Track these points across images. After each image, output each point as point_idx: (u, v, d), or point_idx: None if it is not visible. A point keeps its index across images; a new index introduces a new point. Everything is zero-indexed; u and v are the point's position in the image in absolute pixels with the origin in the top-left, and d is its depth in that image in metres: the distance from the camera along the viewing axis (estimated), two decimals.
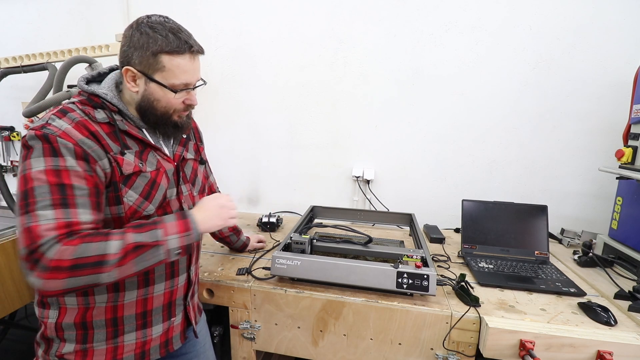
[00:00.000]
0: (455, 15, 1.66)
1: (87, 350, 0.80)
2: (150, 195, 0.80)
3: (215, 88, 1.97)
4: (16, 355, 1.90)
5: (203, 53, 0.82)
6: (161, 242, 0.72)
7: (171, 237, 0.74)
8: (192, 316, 0.97)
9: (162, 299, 0.87)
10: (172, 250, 0.75)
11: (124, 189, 0.76)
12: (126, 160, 0.76)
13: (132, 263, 0.70)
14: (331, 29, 1.78)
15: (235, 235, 1.33)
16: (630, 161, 1.26)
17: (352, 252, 1.24)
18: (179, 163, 0.89)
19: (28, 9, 2.12)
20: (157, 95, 0.79)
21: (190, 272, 0.93)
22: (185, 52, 0.77)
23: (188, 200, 0.91)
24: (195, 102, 0.84)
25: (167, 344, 0.91)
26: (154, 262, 0.74)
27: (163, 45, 0.75)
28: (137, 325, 0.84)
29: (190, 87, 0.82)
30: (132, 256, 0.69)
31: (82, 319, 0.79)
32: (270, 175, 2.03)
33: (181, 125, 0.86)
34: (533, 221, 1.39)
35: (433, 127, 1.79)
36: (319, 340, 1.13)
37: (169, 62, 0.76)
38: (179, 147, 0.91)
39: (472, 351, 1.03)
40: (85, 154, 0.70)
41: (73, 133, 0.70)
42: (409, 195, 1.88)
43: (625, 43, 1.54)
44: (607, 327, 0.96)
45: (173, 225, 0.76)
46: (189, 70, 0.79)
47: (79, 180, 0.69)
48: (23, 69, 1.85)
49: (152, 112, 0.80)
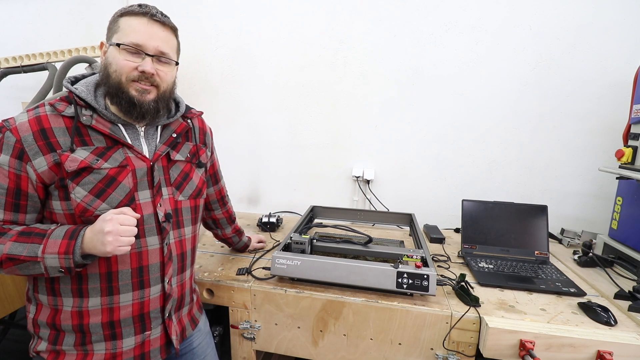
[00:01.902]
0: (455, 15, 1.66)
1: (59, 353, 0.80)
2: (104, 194, 0.76)
3: (215, 88, 1.97)
4: (16, 355, 1.90)
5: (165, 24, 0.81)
6: (37, 258, 0.71)
7: (49, 255, 0.71)
8: (171, 331, 0.88)
9: (130, 309, 0.81)
10: (51, 268, 0.72)
11: (71, 184, 0.74)
12: (72, 157, 0.74)
13: (13, 269, 0.73)
14: (331, 29, 1.78)
15: (237, 236, 1.32)
16: (630, 161, 1.26)
17: (352, 252, 1.24)
18: (154, 163, 0.83)
19: (28, 9, 2.12)
20: (110, 58, 0.78)
21: (164, 283, 0.85)
22: (143, 15, 0.78)
23: (167, 204, 0.85)
24: (147, 68, 0.77)
25: (143, 358, 0.85)
26: (38, 273, 0.73)
27: (124, 10, 0.79)
28: (104, 335, 0.80)
29: (142, 49, 0.77)
30: (9, 264, 0.72)
31: (52, 320, 0.80)
32: (270, 175, 2.03)
33: (139, 103, 0.78)
34: (533, 221, 1.39)
35: (433, 127, 1.79)
36: (319, 340, 1.13)
37: (124, 23, 0.78)
38: (162, 146, 0.85)
39: (472, 351, 1.03)
40: (21, 151, 0.72)
41: (23, 128, 0.73)
42: (409, 195, 1.88)
43: (625, 43, 1.54)
44: (607, 327, 0.96)
45: (55, 243, 0.71)
46: (141, 30, 0.78)
47: (2, 179, 0.73)
48: (23, 69, 1.85)
49: (107, 81, 0.79)
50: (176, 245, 0.88)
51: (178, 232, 0.89)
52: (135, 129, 0.84)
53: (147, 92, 0.80)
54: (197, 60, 1.95)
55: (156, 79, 0.80)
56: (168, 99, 0.87)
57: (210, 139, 1.07)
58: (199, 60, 1.95)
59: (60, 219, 0.78)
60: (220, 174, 1.18)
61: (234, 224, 1.29)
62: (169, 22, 0.82)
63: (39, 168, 0.73)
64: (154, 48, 0.79)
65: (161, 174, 0.85)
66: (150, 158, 0.83)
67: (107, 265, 0.78)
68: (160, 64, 0.81)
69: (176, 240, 0.88)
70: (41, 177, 0.74)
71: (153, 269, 0.83)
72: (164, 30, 0.81)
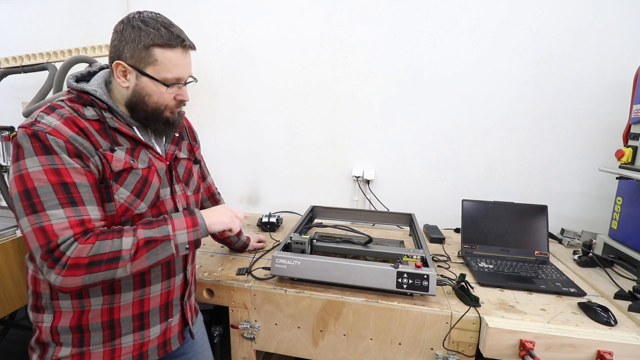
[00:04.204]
0: (455, 15, 1.66)
1: (84, 354, 0.80)
2: (142, 193, 0.79)
3: (215, 88, 1.97)
4: (16, 355, 1.90)
5: (194, 49, 0.82)
6: (170, 237, 0.76)
7: (179, 232, 0.77)
8: (189, 316, 0.97)
9: (159, 299, 0.86)
10: (180, 244, 0.77)
11: (115, 185, 0.75)
12: (116, 156, 0.75)
13: (144, 257, 0.73)
14: (331, 29, 1.78)
15: (235, 235, 1.33)
16: (630, 161, 1.26)
17: (352, 252, 1.24)
18: (171, 162, 0.88)
19: (28, 9, 2.12)
20: (149, 89, 0.78)
21: (186, 271, 0.94)
22: (178, 45, 0.77)
23: (182, 200, 0.90)
24: (187, 98, 0.84)
25: (165, 345, 0.91)
26: (165, 257, 0.76)
27: (155, 39, 0.74)
28: (134, 327, 0.83)
29: (181, 82, 0.81)
30: (143, 250, 0.72)
31: (77, 322, 0.79)
32: (270, 175, 2.03)
33: (172, 122, 0.85)
34: (533, 221, 1.39)
35: (433, 127, 1.79)
36: (319, 340, 1.13)
37: (162, 56, 0.75)
38: (171, 146, 0.90)
39: (472, 351, 1.03)
40: (77, 150, 0.70)
41: (63, 130, 0.69)
42: (409, 195, 1.88)
43: (625, 43, 1.54)
44: (607, 327, 0.96)
45: (181, 221, 0.79)
46: (181, 64, 0.79)
47: (80, 177, 0.70)
48: (23, 69, 1.85)
49: (143, 107, 0.79)
50: None
51: None
52: (146, 130, 0.86)
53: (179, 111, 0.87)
54: (197, 60, 1.93)
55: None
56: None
57: (197, 136, 1.10)
58: (199, 60, 1.94)
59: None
60: (207, 171, 1.21)
61: None
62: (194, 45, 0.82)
63: (97, 165, 0.73)
64: (189, 75, 0.83)
65: (173, 172, 0.89)
66: (165, 157, 0.87)
67: None
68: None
69: None
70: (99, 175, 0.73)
71: (178, 259, 0.90)
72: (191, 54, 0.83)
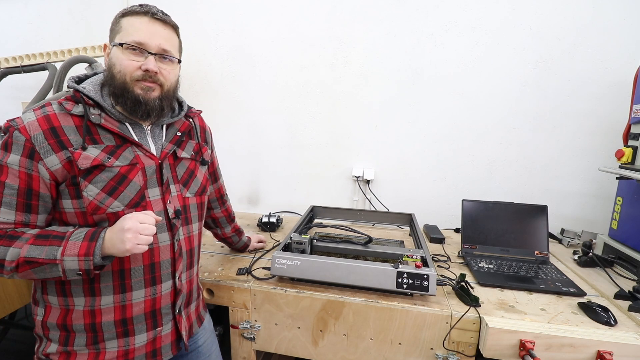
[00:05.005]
0: (455, 15, 1.66)
1: (70, 353, 0.80)
2: (116, 192, 0.77)
3: (215, 88, 1.97)
4: (16, 355, 1.90)
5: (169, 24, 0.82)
6: (57, 261, 0.70)
7: (69, 258, 0.70)
8: (181, 327, 0.89)
9: (143, 306, 0.82)
10: (69, 270, 0.71)
11: (83, 182, 0.74)
12: (85, 154, 0.74)
13: (30, 272, 0.72)
14: (331, 29, 1.78)
15: (237, 236, 1.32)
16: (630, 161, 1.26)
17: (352, 252, 1.24)
18: (162, 161, 0.85)
19: (28, 9, 2.12)
20: (114, 59, 0.79)
21: (175, 279, 0.87)
22: (143, 14, 0.79)
23: (175, 201, 0.86)
24: (151, 67, 0.78)
25: (155, 355, 0.86)
26: (56, 276, 0.72)
27: (124, 10, 0.79)
28: (117, 332, 0.81)
29: (144, 48, 0.78)
30: (26, 267, 0.71)
31: (63, 321, 0.79)
32: (270, 175, 2.03)
33: (144, 101, 0.79)
34: (533, 221, 1.39)
35: (433, 127, 1.79)
36: (319, 340, 1.13)
37: (125, 23, 0.78)
38: (169, 145, 0.87)
39: (472, 351, 1.03)
40: (32, 150, 0.72)
41: (32, 127, 0.72)
42: (409, 195, 1.88)
43: (625, 43, 1.54)
44: (607, 327, 0.96)
45: (75, 245, 0.71)
46: (143, 29, 0.78)
47: (13, 179, 0.72)
48: (23, 69, 1.85)
49: (112, 82, 0.79)
50: (185, 241, 0.89)
51: (187, 228, 0.90)
52: (142, 128, 0.85)
53: (152, 89, 0.80)
54: (197, 60, 1.95)
55: (160, 77, 0.81)
56: (172, 97, 0.88)
57: (210, 137, 1.08)
58: (199, 60, 1.95)
59: (71, 218, 0.77)
60: (219, 173, 1.19)
61: (234, 223, 1.30)
62: (170, 20, 0.83)
63: (51, 166, 0.73)
64: (157, 46, 0.79)
65: (169, 172, 0.87)
66: (158, 156, 0.85)
67: (120, 262, 0.79)
68: (163, 62, 0.81)
69: (185, 236, 0.89)
70: (54, 175, 0.73)
71: (164, 265, 0.84)
72: (166, 29, 0.81)
